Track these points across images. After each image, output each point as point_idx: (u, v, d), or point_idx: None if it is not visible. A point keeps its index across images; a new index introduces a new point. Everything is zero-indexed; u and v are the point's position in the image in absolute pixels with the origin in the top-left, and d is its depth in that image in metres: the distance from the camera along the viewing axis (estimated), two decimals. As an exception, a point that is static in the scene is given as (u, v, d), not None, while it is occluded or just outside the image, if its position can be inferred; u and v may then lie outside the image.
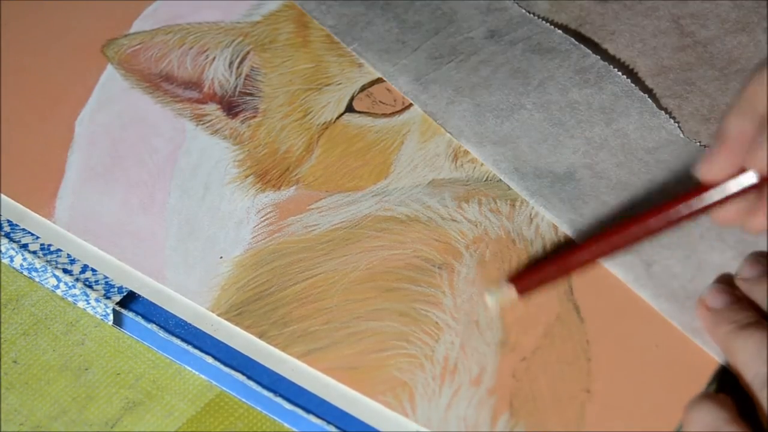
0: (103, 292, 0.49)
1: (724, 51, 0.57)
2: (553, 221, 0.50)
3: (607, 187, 0.51)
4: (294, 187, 0.53)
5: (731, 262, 0.48)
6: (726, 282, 0.48)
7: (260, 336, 0.48)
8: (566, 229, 0.50)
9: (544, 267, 0.48)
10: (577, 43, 0.57)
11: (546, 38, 0.58)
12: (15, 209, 0.52)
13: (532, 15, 0.59)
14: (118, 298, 0.49)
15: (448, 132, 0.55)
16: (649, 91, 0.55)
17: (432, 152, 0.54)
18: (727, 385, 0.45)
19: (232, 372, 0.47)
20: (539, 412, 0.45)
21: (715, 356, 0.46)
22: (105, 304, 0.49)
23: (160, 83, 0.58)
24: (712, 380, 0.46)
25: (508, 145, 0.53)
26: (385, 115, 0.56)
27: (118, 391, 0.47)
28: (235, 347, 0.48)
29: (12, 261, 0.51)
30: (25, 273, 0.51)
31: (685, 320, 0.47)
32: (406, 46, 0.58)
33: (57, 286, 0.50)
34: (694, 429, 0.43)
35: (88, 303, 0.50)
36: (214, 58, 0.58)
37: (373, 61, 0.58)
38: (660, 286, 0.48)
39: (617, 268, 0.49)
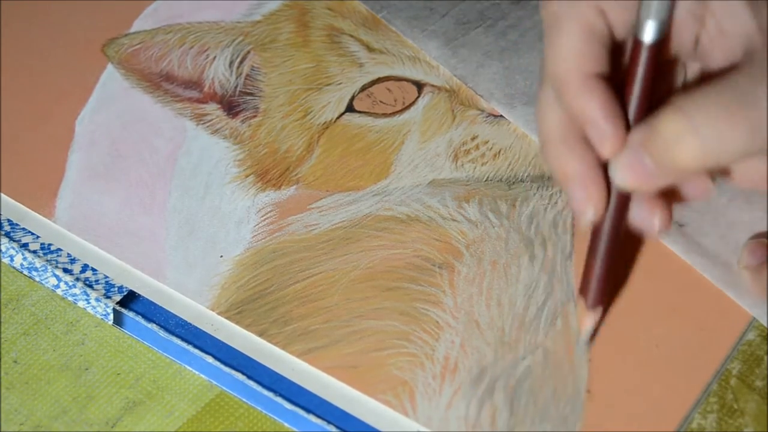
0: (103, 291, 0.49)
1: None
2: None
3: None
4: (294, 187, 0.53)
5: (760, 222, 0.50)
6: (759, 239, 0.49)
7: (260, 335, 0.48)
8: None
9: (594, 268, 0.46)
10: None
11: None
12: (15, 209, 0.52)
13: None
14: (118, 297, 0.49)
15: (479, 95, 0.56)
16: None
17: (432, 152, 0.54)
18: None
19: (233, 372, 0.47)
20: (539, 412, 0.45)
21: (748, 309, 0.48)
22: (105, 304, 0.49)
23: (160, 83, 0.58)
24: (711, 381, 0.46)
25: None
26: (385, 115, 0.56)
27: (119, 391, 0.47)
28: (235, 347, 0.48)
29: (12, 260, 0.51)
30: (26, 272, 0.51)
31: (717, 274, 0.49)
32: (434, 13, 0.60)
33: (57, 286, 0.50)
34: None
35: (89, 302, 0.50)
36: (214, 58, 0.58)
37: (402, 28, 0.59)
38: (691, 243, 0.50)
39: None
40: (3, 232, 0.52)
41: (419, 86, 0.57)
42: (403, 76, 0.58)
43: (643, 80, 0.42)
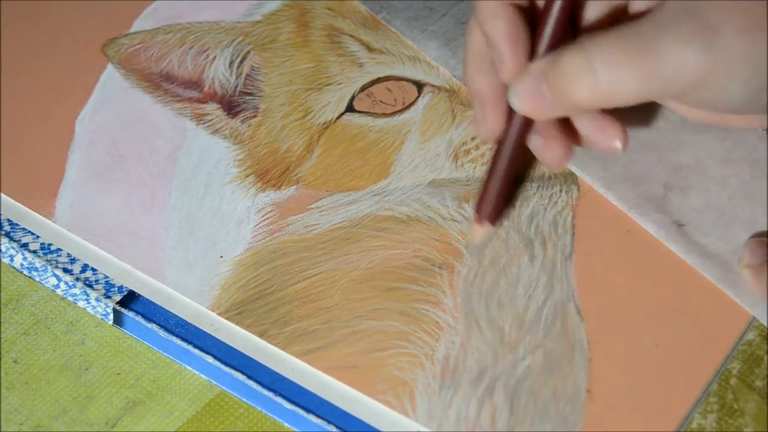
0: (103, 291, 0.49)
1: None
2: (585, 180, 0.52)
3: (636, 144, 0.53)
4: (294, 187, 0.53)
5: (761, 219, 0.50)
6: (760, 238, 0.49)
7: (260, 335, 0.48)
8: (599, 188, 0.52)
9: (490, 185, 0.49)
10: None
11: None
12: (15, 209, 0.52)
13: None
14: (118, 297, 0.49)
15: None
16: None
17: (432, 152, 0.54)
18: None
19: (233, 372, 0.47)
20: (539, 412, 0.45)
21: (748, 309, 0.48)
22: (105, 304, 0.49)
23: (160, 83, 0.58)
24: (711, 381, 0.46)
25: None
26: (385, 115, 0.56)
27: (119, 391, 0.47)
28: (235, 347, 0.48)
29: (12, 260, 0.51)
30: (26, 272, 0.51)
31: (716, 274, 0.49)
32: (434, 12, 0.60)
33: (57, 286, 0.50)
34: None
35: (89, 302, 0.50)
36: (214, 58, 0.58)
37: (401, 28, 0.59)
38: (691, 243, 0.50)
39: (648, 225, 0.50)
40: (3, 232, 0.52)
41: (419, 86, 0.57)
42: (403, 76, 0.58)
43: (558, 11, 0.45)
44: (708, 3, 0.41)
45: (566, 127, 0.48)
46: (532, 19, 0.46)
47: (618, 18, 0.47)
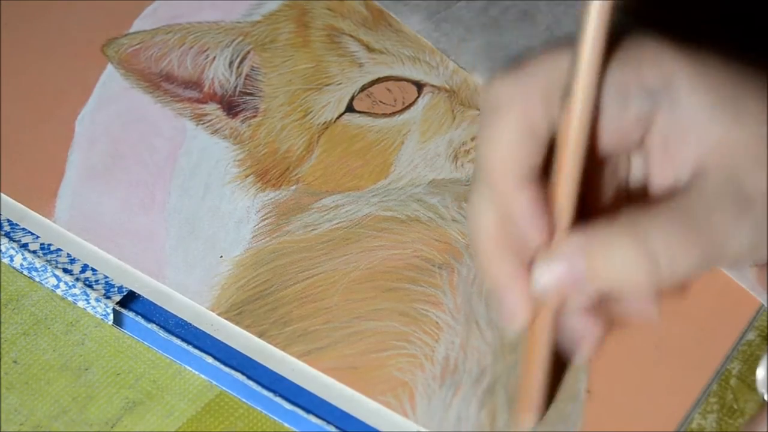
0: (103, 291, 0.49)
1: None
2: None
3: None
4: (294, 187, 0.53)
5: None
6: None
7: (260, 335, 0.48)
8: None
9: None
10: None
11: None
12: (15, 209, 0.52)
13: None
14: (118, 297, 0.49)
15: (461, 67, 0.57)
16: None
17: (432, 152, 0.54)
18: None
19: (232, 372, 0.47)
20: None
21: (761, 299, 0.48)
22: (105, 304, 0.49)
23: (160, 83, 0.57)
24: (711, 381, 0.46)
25: None
26: (385, 115, 0.56)
27: (118, 391, 0.47)
28: (235, 347, 0.48)
29: (12, 261, 0.51)
30: (25, 273, 0.51)
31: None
32: None
33: (57, 286, 0.50)
34: None
35: (88, 303, 0.50)
36: (214, 58, 0.58)
37: (384, 0, 0.59)
38: None
39: None
40: (3, 232, 0.51)
41: (419, 86, 0.57)
42: (403, 76, 0.58)
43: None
44: (749, 166, 0.39)
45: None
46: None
47: (630, 196, 0.43)
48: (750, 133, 0.39)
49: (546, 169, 0.40)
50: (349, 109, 0.56)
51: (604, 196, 0.43)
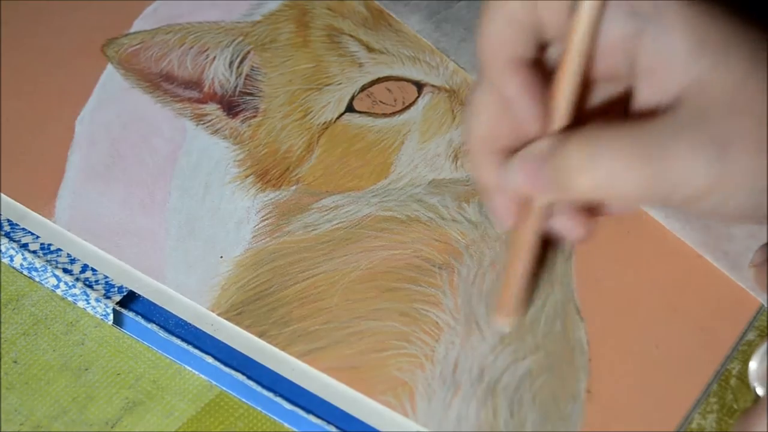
0: (103, 291, 0.49)
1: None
2: None
3: None
4: (294, 187, 0.53)
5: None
6: None
7: (260, 335, 0.48)
8: None
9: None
10: None
11: None
12: (15, 209, 0.52)
13: None
14: (118, 297, 0.49)
15: (461, 67, 0.57)
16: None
17: (432, 152, 0.54)
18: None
19: (232, 372, 0.47)
20: (539, 412, 0.45)
21: (756, 296, 0.48)
22: (105, 304, 0.49)
23: (160, 83, 0.58)
24: (711, 381, 0.46)
25: None
26: (385, 115, 0.56)
27: (118, 391, 0.47)
28: (235, 347, 0.48)
29: (12, 261, 0.51)
30: (25, 273, 0.51)
31: (726, 264, 0.49)
32: None
33: (57, 286, 0.50)
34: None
35: (88, 303, 0.50)
36: (214, 58, 0.58)
37: (384, 1, 0.60)
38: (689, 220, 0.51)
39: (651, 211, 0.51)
40: (3, 232, 0.52)
41: (419, 86, 0.57)
42: (403, 76, 0.58)
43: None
44: (721, 111, 0.40)
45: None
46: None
47: (621, 107, 0.45)
48: (732, 80, 0.40)
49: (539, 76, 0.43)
50: (349, 109, 0.56)
51: (588, 116, 0.44)
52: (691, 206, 0.41)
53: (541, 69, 0.43)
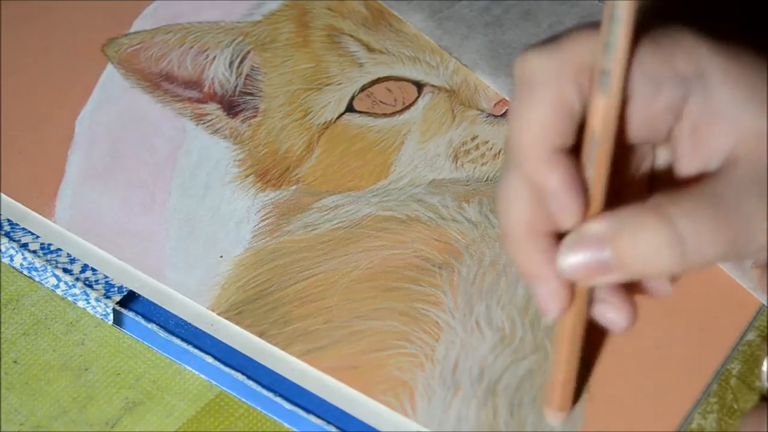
0: (103, 291, 0.49)
1: None
2: None
3: None
4: (294, 187, 0.53)
5: None
6: None
7: (260, 335, 0.48)
8: None
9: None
10: None
11: None
12: (15, 209, 0.52)
13: None
14: (118, 297, 0.49)
15: (464, 65, 0.57)
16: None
17: (432, 152, 0.54)
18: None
19: (232, 372, 0.47)
20: (539, 412, 0.45)
21: (757, 296, 0.48)
22: (105, 304, 0.49)
23: (160, 83, 0.58)
24: (711, 381, 0.46)
25: None
26: (385, 115, 0.56)
27: (118, 391, 0.47)
28: (235, 347, 0.48)
29: (12, 260, 0.51)
30: (25, 272, 0.51)
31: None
32: None
33: (57, 286, 0.50)
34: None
35: (88, 303, 0.50)
36: (214, 58, 0.58)
37: None
38: None
39: None
40: (3, 232, 0.52)
41: (419, 86, 0.57)
42: (403, 76, 0.58)
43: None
44: None
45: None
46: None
47: (654, 187, 0.44)
48: None
49: (577, 151, 0.40)
50: (350, 109, 0.56)
51: (629, 186, 0.43)
52: (759, 256, 0.40)
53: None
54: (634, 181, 0.43)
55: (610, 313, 0.43)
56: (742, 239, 0.39)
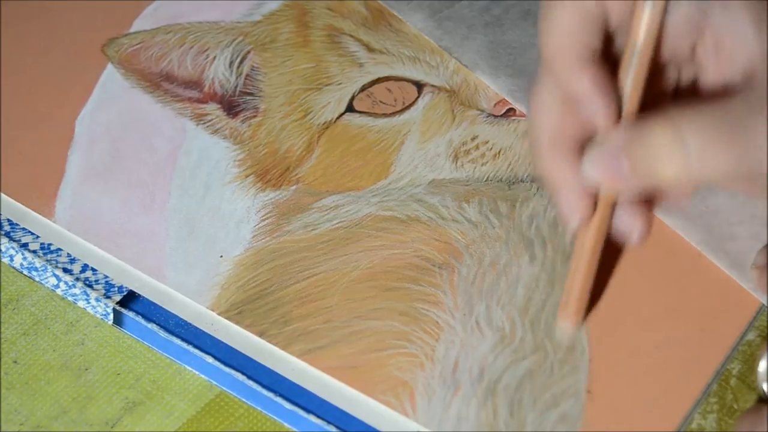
0: (103, 291, 0.49)
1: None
2: None
3: None
4: (294, 187, 0.53)
5: None
6: None
7: (260, 335, 0.48)
8: None
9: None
10: None
11: None
12: (15, 209, 0.52)
13: None
14: (118, 297, 0.49)
15: (464, 65, 0.57)
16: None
17: (432, 152, 0.54)
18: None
19: (232, 372, 0.47)
20: (539, 412, 0.45)
21: (756, 296, 0.48)
22: (105, 304, 0.49)
23: (160, 83, 0.58)
24: (711, 381, 0.46)
25: (523, 77, 0.56)
26: (385, 115, 0.56)
27: (118, 391, 0.47)
28: (235, 347, 0.48)
29: (12, 260, 0.51)
30: (25, 272, 0.51)
31: (727, 264, 0.49)
32: None
33: (57, 286, 0.50)
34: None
35: (88, 302, 0.50)
36: (214, 58, 0.58)
37: None
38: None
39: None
40: (3, 232, 0.52)
41: (419, 86, 0.57)
42: (403, 76, 0.58)
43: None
44: None
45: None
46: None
47: (682, 92, 0.45)
48: None
49: (605, 60, 0.42)
50: (350, 109, 0.56)
51: (654, 104, 0.44)
52: (765, 180, 0.41)
53: (606, 59, 0.43)
54: (659, 101, 0.44)
55: (627, 220, 0.45)
56: (747, 155, 0.40)
